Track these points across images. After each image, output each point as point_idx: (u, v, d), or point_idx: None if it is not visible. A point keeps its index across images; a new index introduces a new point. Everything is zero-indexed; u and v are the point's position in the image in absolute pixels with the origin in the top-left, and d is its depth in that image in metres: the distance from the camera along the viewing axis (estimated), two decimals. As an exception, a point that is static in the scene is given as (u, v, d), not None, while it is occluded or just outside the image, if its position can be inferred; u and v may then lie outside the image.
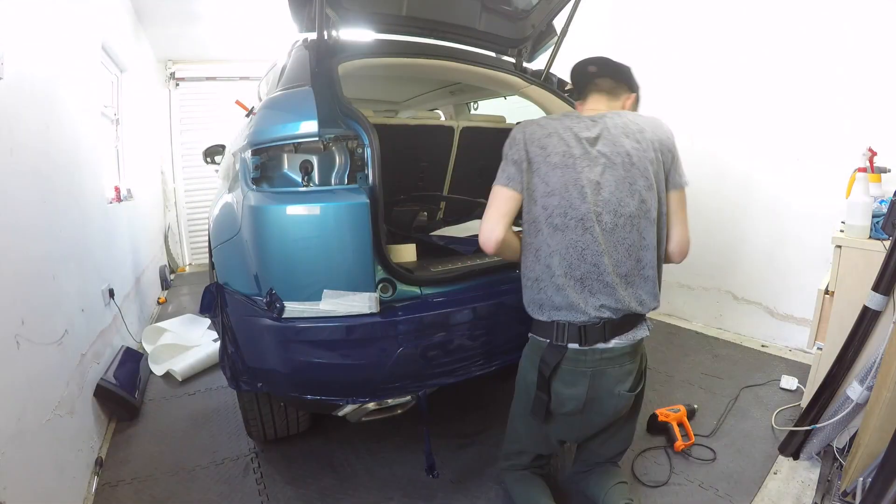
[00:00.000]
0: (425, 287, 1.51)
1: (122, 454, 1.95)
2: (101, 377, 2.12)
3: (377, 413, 1.56)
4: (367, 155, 1.41)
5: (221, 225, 1.69)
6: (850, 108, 2.41)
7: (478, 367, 1.57)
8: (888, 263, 1.57)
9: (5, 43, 1.52)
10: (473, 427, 2.06)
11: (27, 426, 1.38)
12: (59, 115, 2.03)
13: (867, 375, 1.55)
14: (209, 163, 3.04)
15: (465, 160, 2.71)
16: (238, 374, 1.51)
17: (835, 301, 1.91)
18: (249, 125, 1.56)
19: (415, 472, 1.79)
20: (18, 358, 1.38)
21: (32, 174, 1.67)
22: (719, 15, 2.94)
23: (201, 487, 1.75)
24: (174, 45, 4.95)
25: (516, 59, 2.52)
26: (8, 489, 1.21)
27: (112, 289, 2.54)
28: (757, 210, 2.90)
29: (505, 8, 2.29)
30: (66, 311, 1.84)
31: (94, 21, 2.78)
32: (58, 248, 1.84)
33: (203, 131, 5.07)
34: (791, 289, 2.75)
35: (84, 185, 2.30)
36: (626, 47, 3.47)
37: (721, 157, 3.02)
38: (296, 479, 1.77)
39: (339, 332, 1.36)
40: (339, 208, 1.34)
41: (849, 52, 2.39)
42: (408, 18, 2.13)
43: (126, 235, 3.19)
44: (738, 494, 1.62)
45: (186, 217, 5.62)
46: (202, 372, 2.70)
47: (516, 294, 1.41)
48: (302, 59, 1.67)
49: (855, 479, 1.44)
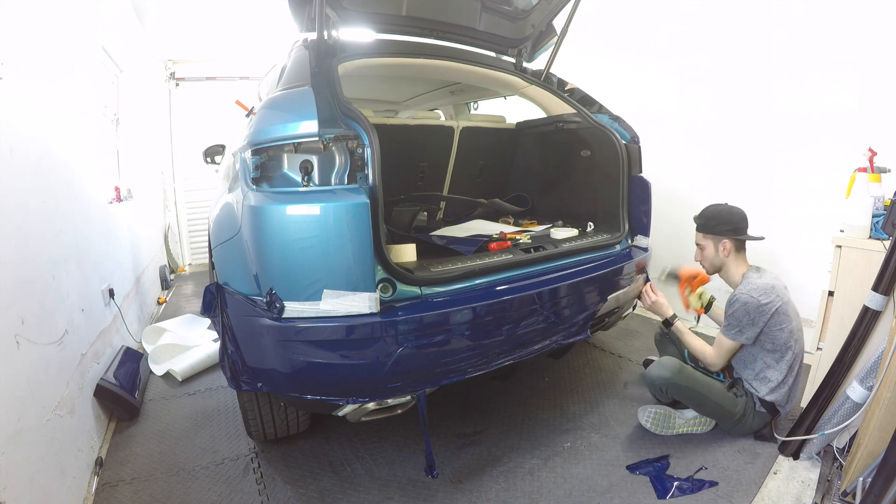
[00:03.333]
0: (425, 287, 1.51)
1: (122, 454, 1.95)
2: (101, 377, 2.12)
3: (377, 413, 1.56)
4: (367, 155, 1.42)
5: (221, 225, 1.69)
6: (849, 108, 2.41)
7: (478, 367, 1.57)
8: (888, 263, 1.58)
9: (5, 43, 1.52)
10: (473, 427, 2.07)
11: (27, 426, 1.38)
12: (59, 115, 2.03)
13: (867, 375, 1.55)
14: (209, 163, 3.04)
15: (465, 160, 2.72)
16: (238, 373, 1.51)
17: (835, 301, 1.91)
18: (249, 125, 1.56)
19: (415, 472, 1.79)
20: (18, 358, 1.38)
21: (32, 174, 1.67)
22: (719, 15, 2.93)
23: (201, 487, 1.75)
24: (174, 45, 4.96)
25: (516, 59, 2.52)
26: (8, 489, 1.21)
27: (112, 289, 2.55)
28: (757, 210, 2.89)
29: (505, 8, 2.29)
30: (66, 311, 1.84)
31: (94, 21, 2.78)
32: (58, 248, 1.84)
33: (203, 131, 5.08)
34: (792, 289, 2.74)
35: (84, 185, 2.30)
36: (623, 47, 3.47)
37: (721, 158, 3.02)
38: (296, 479, 1.77)
39: (339, 332, 1.36)
40: (339, 208, 1.34)
41: (849, 53, 2.39)
42: (408, 18, 2.13)
43: (126, 235, 3.19)
44: (738, 494, 1.62)
45: (186, 217, 5.63)
46: (202, 372, 2.70)
47: (516, 294, 1.41)
48: (302, 59, 1.67)
49: (855, 479, 1.44)
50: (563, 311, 1.76)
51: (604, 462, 1.82)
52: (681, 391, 1.91)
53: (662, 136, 3.15)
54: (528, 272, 1.76)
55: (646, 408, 2.01)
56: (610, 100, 2.44)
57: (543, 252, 1.86)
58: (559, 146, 2.56)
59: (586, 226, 2.32)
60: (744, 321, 1.83)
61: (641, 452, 1.86)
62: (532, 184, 2.81)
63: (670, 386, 1.91)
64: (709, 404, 1.89)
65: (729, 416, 1.89)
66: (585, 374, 2.52)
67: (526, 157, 2.84)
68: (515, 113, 2.87)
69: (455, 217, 2.71)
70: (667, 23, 3.21)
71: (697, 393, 1.89)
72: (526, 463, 1.83)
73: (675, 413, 1.99)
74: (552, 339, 1.75)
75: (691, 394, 1.90)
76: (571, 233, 2.16)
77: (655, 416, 1.98)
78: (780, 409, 1.88)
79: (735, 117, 2.93)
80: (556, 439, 1.97)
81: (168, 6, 4.05)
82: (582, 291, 1.81)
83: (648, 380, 1.99)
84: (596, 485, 1.70)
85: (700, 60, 3.05)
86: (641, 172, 2.25)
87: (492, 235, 2.10)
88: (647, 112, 3.08)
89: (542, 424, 2.08)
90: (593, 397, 2.30)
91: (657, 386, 1.97)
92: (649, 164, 2.31)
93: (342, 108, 1.48)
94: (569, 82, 2.53)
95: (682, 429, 1.96)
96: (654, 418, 1.98)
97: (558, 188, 2.65)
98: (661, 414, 1.98)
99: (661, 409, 2.00)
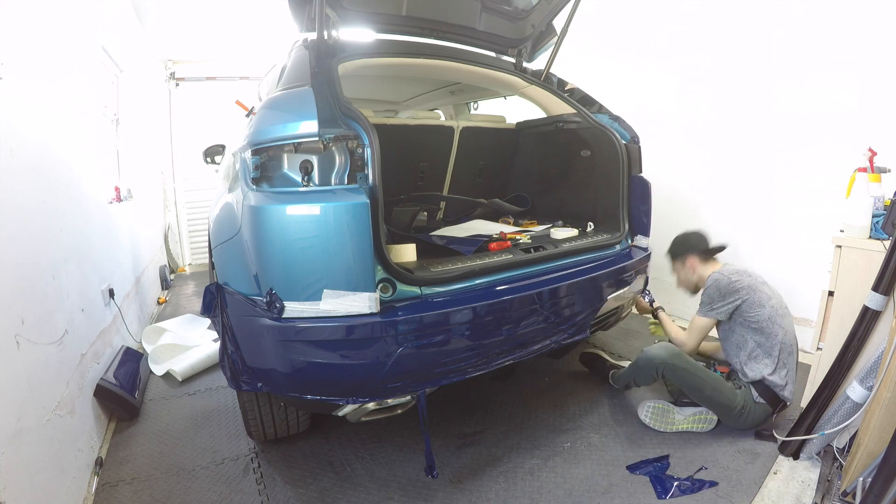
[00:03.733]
0: (425, 287, 1.51)
1: (122, 454, 1.95)
2: (101, 377, 2.12)
3: (377, 413, 1.56)
4: (367, 155, 1.42)
5: (221, 225, 1.70)
6: (849, 108, 2.41)
7: (478, 367, 1.57)
8: (888, 263, 1.57)
9: (5, 43, 1.52)
10: (473, 427, 2.07)
11: (27, 426, 1.38)
12: (59, 115, 2.03)
13: (867, 375, 1.55)
14: (209, 163, 3.03)
15: (465, 160, 2.71)
16: (238, 373, 1.51)
17: (835, 301, 1.91)
18: (249, 125, 1.56)
19: (415, 472, 1.79)
20: (18, 358, 1.38)
21: (32, 174, 1.67)
22: (719, 15, 2.93)
23: (201, 487, 1.75)
24: (174, 45, 4.96)
25: (516, 59, 2.52)
26: (8, 489, 1.21)
27: (112, 289, 2.54)
28: (757, 210, 2.90)
29: (505, 8, 2.29)
30: (66, 311, 1.84)
31: (94, 21, 2.78)
32: (58, 248, 1.84)
33: (203, 131, 5.08)
34: (792, 289, 2.75)
35: (84, 185, 2.30)
36: (623, 47, 3.47)
37: (721, 158, 3.02)
38: (296, 479, 1.77)
39: (339, 332, 1.36)
40: (339, 208, 1.34)
41: (849, 53, 2.39)
42: (408, 18, 2.13)
43: (126, 235, 3.19)
44: (738, 494, 1.62)
45: (186, 217, 5.63)
46: (202, 372, 2.70)
47: (516, 294, 1.41)
48: (302, 59, 1.67)
49: (855, 479, 1.44)
50: (562, 311, 1.76)
51: (604, 462, 1.82)
52: (677, 373, 1.94)
53: (662, 136, 3.15)
54: (528, 272, 1.76)
55: (645, 403, 2.03)
56: (610, 100, 2.44)
57: (543, 252, 1.86)
58: (559, 146, 2.56)
59: (586, 226, 2.32)
60: (714, 297, 1.96)
61: (641, 452, 1.86)
62: (532, 184, 2.81)
63: (666, 367, 1.95)
64: (707, 389, 1.91)
65: (729, 407, 1.90)
66: (585, 374, 2.52)
67: (526, 157, 2.84)
68: (515, 113, 2.87)
69: (455, 217, 2.71)
70: (667, 23, 3.21)
71: (693, 375, 1.93)
72: (526, 463, 1.83)
73: (675, 409, 2.00)
74: (552, 338, 1.75)
75: (688, 376, 1.93)
76: (571, 233, 2.16)
77: (654, 410, 2.00)
78: (778, 394, 1.90)
79: (735, 117, 2.93)
80: (556, 439, 1.97)
81: (168, 6, 4.05)
82: (582, 291, 1.81)
83: (645, 359, 2.02)
84: (596, 485, 1.70)
85: (700, 60, 3.05)
86: (641, 172, 2.25)
87: (492, 235, 2.10)
88: (647, 112, 3.08)
89: (542, 424, 2.08)
90: (593, 397, 2.30)
91: (653, 366, 1.98)
92: (649, 164, 2.31)
93: (342, 108, 1.48)
94: (569, 82, 2.53)
95: (681, 425, 1.97)
96: (652, 412, 2.00)
97: (558, 188, 2.65)
98: (659, 408, 2.00)
99: (660, 403, 2.01)
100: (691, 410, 1.98)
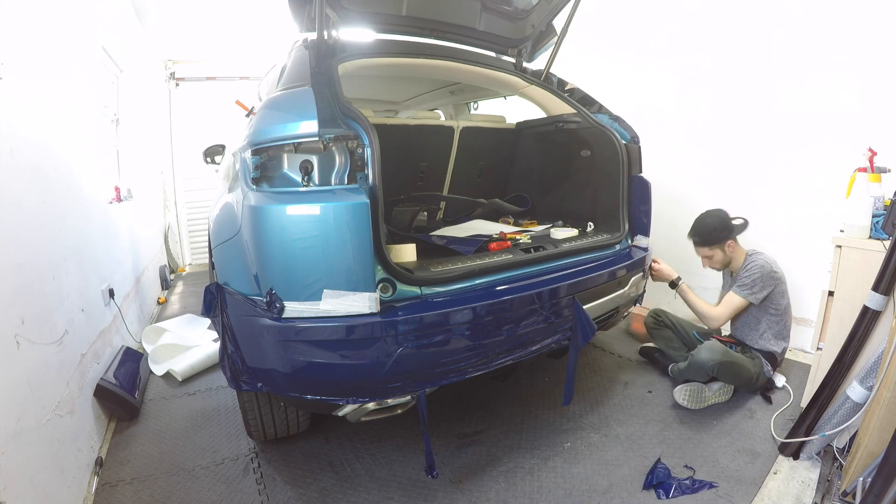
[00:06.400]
0: (425, 287, 1.51)
1: (122, 454, 1.95)
2: (101, 377, 2.12)
3: (377, 413, 1.56)
4: (367, 155, 1.42)
5: (221, 225, 1.69)
6: (849, 108, 2.41)
7: (478, 368, 1.57)
8: (888, 263, 1.57)
9: (5, 43, 1.52)
10: (473, 427, 2.07)
11: (27, 426, 1.38)
12: (59, 115, 2.03)
13: (867, 375, 1.55)
14: (209, 163, 3.03)
15: (465, 160, 2.71)
16: (238, 373, 1.51)
17: (835, 301, 1.91)
18: (249, 125, 1.55)
19: (415, 472, 1.79)
20: (18, 358, 1.38)
21: (32, 174, 1.67)
22: (719, 15, 2.93)
23: (201, 487, 1.75)
24: (174, 45, 4.96)
25: (516, 59, 2.52)
26: (8, 489, 1.21)
27: (112, 289, 2.55)
28: (757, 210, 2.90)
29: (505, 8, 2.29)
30: (66, 311, 1.84)
31: (94, 21, 2.78)
32: (58, 248, 1.84)
33: (203, 131, 5.08)
34: (792, 288, 2.75)
35: (84, 185, 2.30)
36: (623, 47, 3.47)
37: (721, 158, 3.02)
38: (296, 479, 1.77)
39: (339, 332, 1.36)
40: (339, 208, 1.34)
41: (849, 53, 2.39)
42: (408, 18, 2.13)
43: (126, 235, 3.19)
44: (738, 494, 1.62)
45: (186, 217, 5.63)
46: (202, 372, 2.70)
47: (516, 294, 1.41)
48: (302, 59, 1.67)
49: (855, 479, 1.44)
50: (562, 311, 1.76)
51: (604, 462, 1.82)
52: (727, 368, 2.11)
53: (662, 136, 3.14)
54: (528, 272, 1.76)
55: (681, 387, 2.19)
56: (610, 100, 2.44)
57: (543, 252, 1.86)
58: (559, 146, 2.56)
59: (586, 226, 2.32)
60: (758, 283, 2.18)
61: (641, 452, 1.87)
62: (532, 184, 2.81)
63: (721, 365, 2.10)
64: (744, 373, 2.14)
65: (752, 378, 2.17)
66: (585, 374, 2.52)
67: (526, 158, 2.84)
68: (515, 113, 2.86)
69: (455, 217, 2.71)
70: (667, 23, 3.21)
71: (739, 366, 2.14)
72: (526, 463, 1.83)
73: (705, 387, 2.18)
74: (552, 338, 1.74)
75: (736, 368, 2.13)
76: (571, 233, 2.16)
77: (691, 392, 2.16)
78: (777, 357, 2.26)
79: (735, 117, 2.93)
80: (556, 439, 1.97)
81: (168, 6, 4.05)
82: (582, 291, 1.81)
83: (698, 363, 2.15)
84: (596, 485, 1.70)
85: (700, 60, 3.05)
86: (641, 172, 2.25)
87: (492, 235, 2.10)
88: (647, 112, 3.08)
89: (542, 424, 2.08)
90: (593, 397, 2.30)
91: (708, 367, 2.12)
92: (649, 164, 2.31)
93: (342, 108, 1.48)
94: (569, 82, 2.53)
95: (710, 400, 2.17)
96: (689, 394, 2.16)
97: (558, 188, 2.65)
98: (694, 390, 2.17)
99: (694, 385, 2.18)
100: (717, 385, 2.19)
